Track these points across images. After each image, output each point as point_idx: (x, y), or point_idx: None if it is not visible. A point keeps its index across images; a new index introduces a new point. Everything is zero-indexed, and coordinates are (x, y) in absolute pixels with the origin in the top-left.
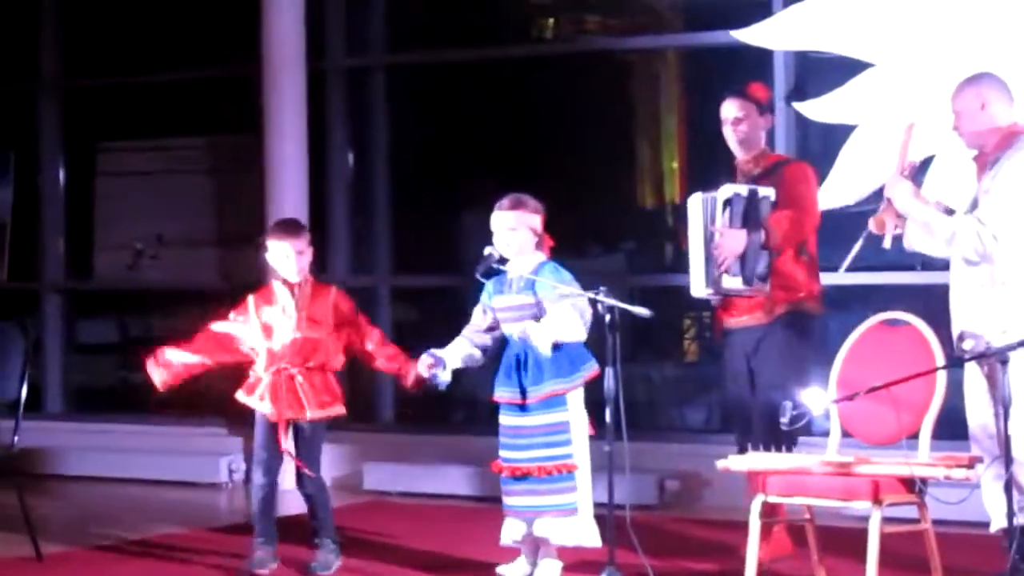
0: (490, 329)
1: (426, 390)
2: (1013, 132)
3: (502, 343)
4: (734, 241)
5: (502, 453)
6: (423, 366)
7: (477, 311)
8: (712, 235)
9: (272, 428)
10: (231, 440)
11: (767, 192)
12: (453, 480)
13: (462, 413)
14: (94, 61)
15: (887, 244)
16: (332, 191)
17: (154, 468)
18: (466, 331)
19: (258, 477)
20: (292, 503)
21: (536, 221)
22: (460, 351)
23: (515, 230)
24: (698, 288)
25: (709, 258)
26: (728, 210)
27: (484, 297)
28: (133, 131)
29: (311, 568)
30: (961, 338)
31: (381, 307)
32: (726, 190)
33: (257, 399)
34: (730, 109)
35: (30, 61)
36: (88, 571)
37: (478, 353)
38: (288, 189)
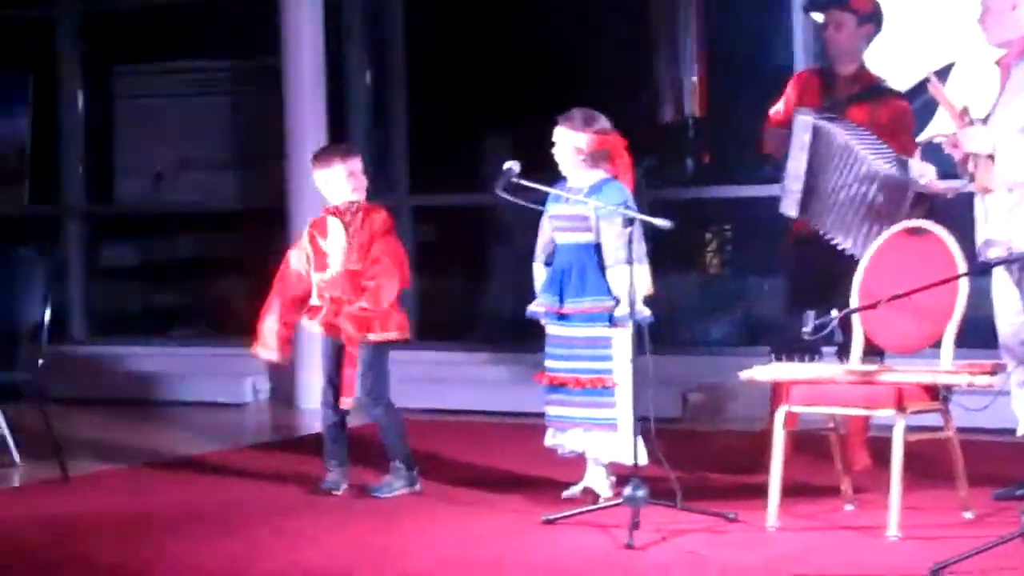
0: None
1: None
2: None
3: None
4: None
5: (546, 362)
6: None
7: (543, 220)
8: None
9: (333, 354)
10: (254, 360)
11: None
12: (478, 396)
13: (484, 329)
14: None
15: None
16: (351, 111)
17: (178, 390)
18: (538, 251)
19: (323, 410)
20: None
21: (581, 140)
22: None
23: (558, 145)
24: (789, 207)
25: (808, 186)
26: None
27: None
28: (151, 54)
29: (371, 490)
30: (987, 245)
31: (402, 227)
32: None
33: (318, 324)
34: (827, 17)
35: None
36: (114, 492)
37: None
38: (307, 110)
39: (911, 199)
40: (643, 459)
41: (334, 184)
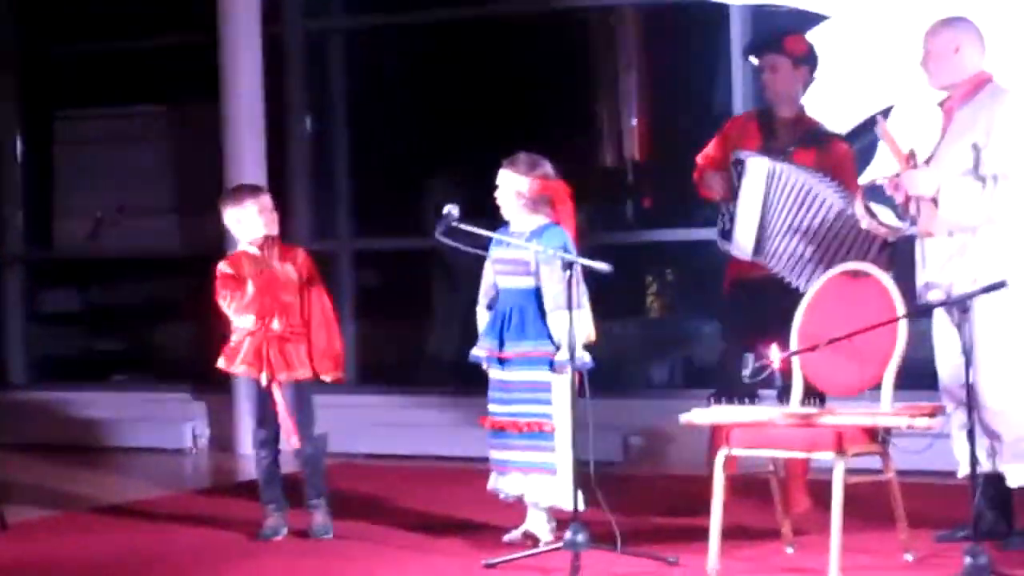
0: None
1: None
2: (980, 80)
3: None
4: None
5: (488, 406)
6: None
7: (487, 266)
8: (770, 203)
9: (262, 395)
10: (195, 405)
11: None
12: (420, 440)
13: (426, 373)
14: (51, 29)
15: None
16: (291, 156)
17: (118, 435)
18: (481, 295)
19: (256, 452)
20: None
21: (523, 184)
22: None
23: (501, 188)
24: (743, 249)
25: (763, 228)
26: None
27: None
28: (91, 99)
29: (313, 532)
30: (927, 288)
31: (343, 271)
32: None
33: (240, 364)
34: (762, 61)
35: None
36: (54, 539)
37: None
38: (247, 155)
39: (880, 242)
40: (582, 504)
41: (247, 222)
